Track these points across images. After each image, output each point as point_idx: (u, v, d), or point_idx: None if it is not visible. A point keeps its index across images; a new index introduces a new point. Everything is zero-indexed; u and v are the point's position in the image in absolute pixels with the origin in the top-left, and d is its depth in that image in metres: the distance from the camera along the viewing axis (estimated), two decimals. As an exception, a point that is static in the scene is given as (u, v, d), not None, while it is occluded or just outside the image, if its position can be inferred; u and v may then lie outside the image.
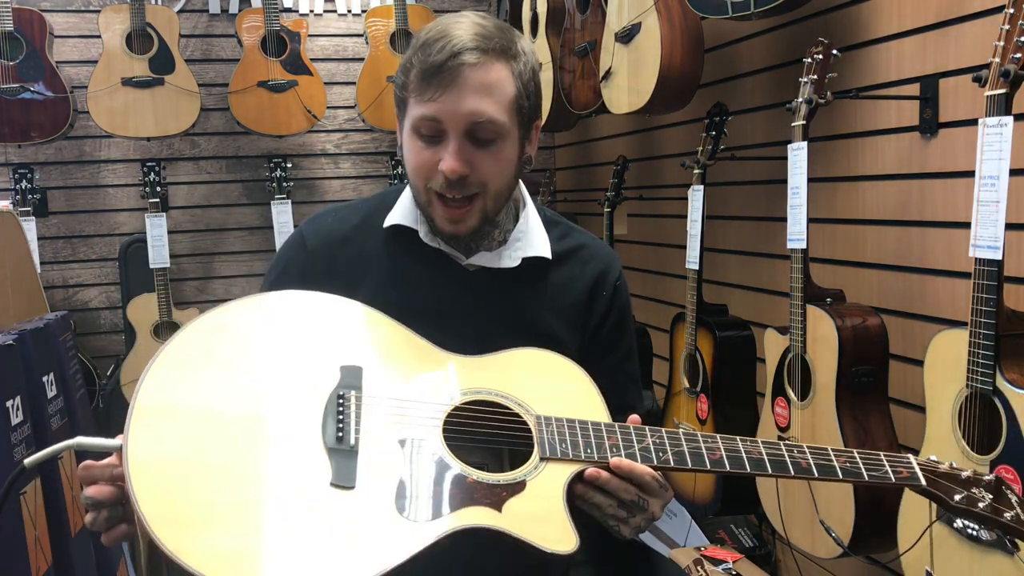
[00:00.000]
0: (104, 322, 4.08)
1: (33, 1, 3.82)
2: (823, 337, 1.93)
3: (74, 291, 4.03)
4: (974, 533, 1.52)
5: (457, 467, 1.07)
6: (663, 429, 1.15)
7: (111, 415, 3.70)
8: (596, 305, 1.38)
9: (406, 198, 1.36)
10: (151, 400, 1.02)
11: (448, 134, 1.21)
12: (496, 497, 1.05)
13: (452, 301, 1.30)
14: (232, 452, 1.00)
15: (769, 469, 1.12)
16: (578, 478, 1.10)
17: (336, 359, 1.14)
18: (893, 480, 1.14)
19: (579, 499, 1.11)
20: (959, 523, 1.55)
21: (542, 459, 1.10)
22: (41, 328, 2.00)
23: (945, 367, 1.61)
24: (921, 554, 1.66)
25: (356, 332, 1.20)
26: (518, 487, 1.07)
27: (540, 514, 1.05)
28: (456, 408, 1.14)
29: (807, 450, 1.14)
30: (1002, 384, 1.47)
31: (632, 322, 1.46)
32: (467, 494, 1.04)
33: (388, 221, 1.34)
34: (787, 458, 1.13)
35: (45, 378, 1.97)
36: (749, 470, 1.12)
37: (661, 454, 1.12)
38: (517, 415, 1.15)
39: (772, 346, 2.11)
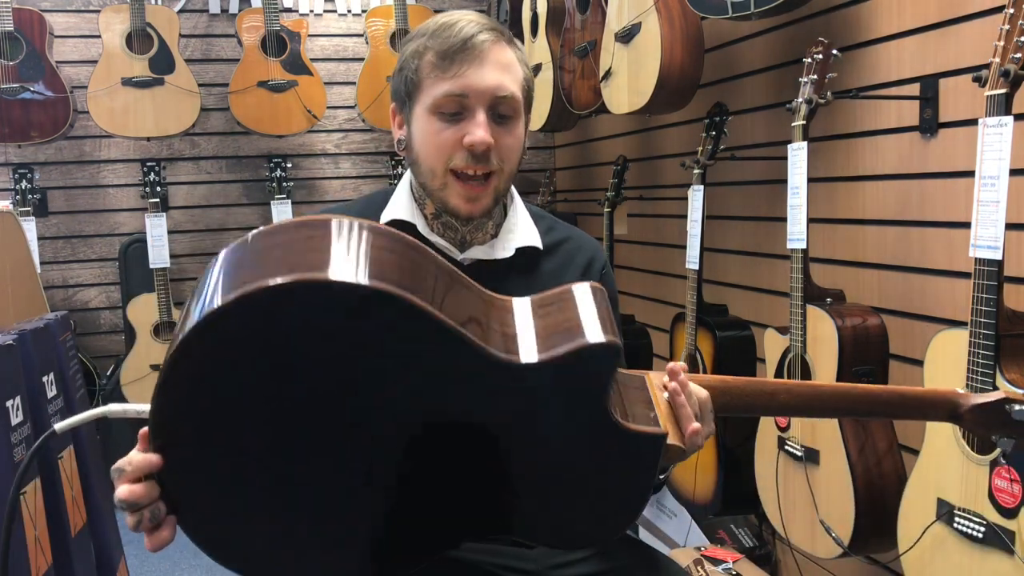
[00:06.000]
0: (104, 322, 4.08)
1: (33, 1, 3.82)
2: (823, 337, 1.93)
3: (74, 291, 4.04)
4: (974, 533, 1.52)
5: None
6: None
7: (111, 415, 3.70)
8: None
9: (402, 194, 1.37)
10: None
11: (473, 108, 1.24)
12: None
13: None
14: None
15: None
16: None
17: None
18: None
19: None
20: (959, 523, 1.55)
21: None
22: (41, 328, 2.00)
23: (945, 367, 1.61)
24: (921, 554, 1.66)
25: None
26: None
27: None
28: None
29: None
30: (1002, 384, 1.47)
31: (618, 311, 1.49)
32: None
33: (386, 216, 1.34)
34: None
35: (45, 378, 1.97)
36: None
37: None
38: None
39: (772, 346, 2.11)
